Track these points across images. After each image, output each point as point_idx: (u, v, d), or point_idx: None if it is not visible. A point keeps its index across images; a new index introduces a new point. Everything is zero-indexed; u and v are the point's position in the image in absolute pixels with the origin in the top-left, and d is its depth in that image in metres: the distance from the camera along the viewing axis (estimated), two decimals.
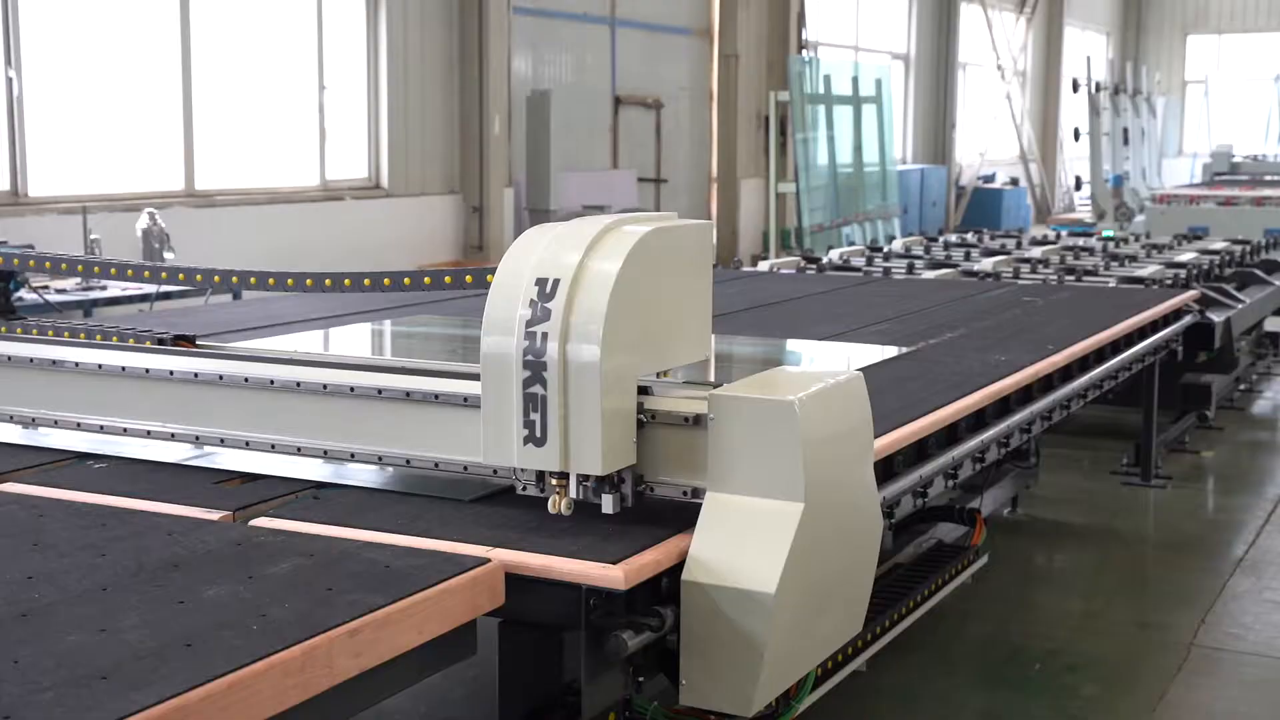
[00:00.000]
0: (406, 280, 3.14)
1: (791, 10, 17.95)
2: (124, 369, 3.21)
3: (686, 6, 16.76)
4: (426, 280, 3.13)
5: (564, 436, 2.55)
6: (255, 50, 11.52)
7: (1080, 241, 10.24)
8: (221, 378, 3.10)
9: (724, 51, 17.09)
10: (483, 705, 4.05)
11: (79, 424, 3.26)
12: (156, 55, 10.61)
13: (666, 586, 2.55)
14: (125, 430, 3.22)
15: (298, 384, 3.01)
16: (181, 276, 3.43)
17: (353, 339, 4.85)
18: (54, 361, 3.28)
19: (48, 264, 3.57)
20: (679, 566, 2.54)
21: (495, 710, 2.78)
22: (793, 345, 4.97)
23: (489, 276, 2.66)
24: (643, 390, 2.69)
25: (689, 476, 2.64)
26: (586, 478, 2.61)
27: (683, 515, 2.64)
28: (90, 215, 8.59)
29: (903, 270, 8.02)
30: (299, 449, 3.03)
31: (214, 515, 2.72)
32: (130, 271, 3.56)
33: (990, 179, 24.12)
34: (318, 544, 2.51)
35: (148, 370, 3.18)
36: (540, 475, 2.64)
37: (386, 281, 3.17)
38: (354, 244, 11.47)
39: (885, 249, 9.68)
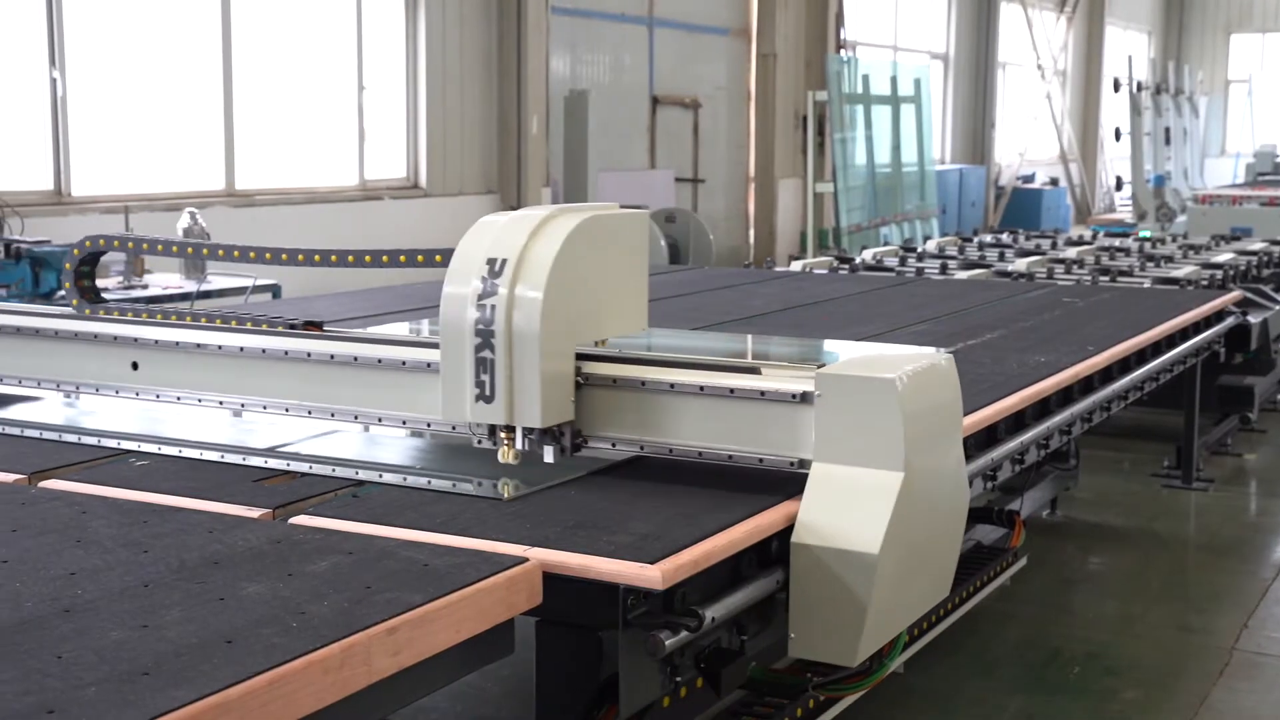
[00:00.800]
0: (384, 258, 3.36)
1: (830, 10, 17.89)
2: (264, 351, 3.38)
3: (724, 6, 16.73)
4: (401, 259, 3.32)
5: (509, 394, 2.89)
6: (295, 51, 11.59)
7: (1116, 242, 10.16)
8: (356, 359, 3.26)
9: (762, 51, 17.05)
10: (519, 704, 4.06)
11: (221, 402, 3.44)
12: (198, 56, 10.69)
13: (776, 549, 2.74)
14: (265, 408, 3.40)
15: (427, 364, 3.14)
16: (285, 257, 3.53)
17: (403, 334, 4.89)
18: (198, 345, 3.45)
19: (145, 245, 3.77)
20: (787, 530, 2.73)
21: (531, 709, 2.79)
22: (831, 345, 4.95)
23: (438, 257, 3.06)
24: (750, 371, 2.96)
25: (794, 449, 2.87)
26: (530, 430, 2.94)
27: (788, 484, 2.83)
28: (132, 215, 8.66)
29: (936, 270, 7.99)
30: (428, 424, 3.20)
31: (254, 513, 2.74)
32: (237, 254, 3.66)
33: (1030, 179, 23.97)
34: (356, 542, 2.52)
35: (286, 352, 3.35)
36: (491, 429, 2.95)
37: (368, 259, 3.42)
38: (392, 243, 11.52)
39: (919, 249, 9.63)
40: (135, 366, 3.54)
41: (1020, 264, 8.30)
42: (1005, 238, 10.65)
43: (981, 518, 4.88)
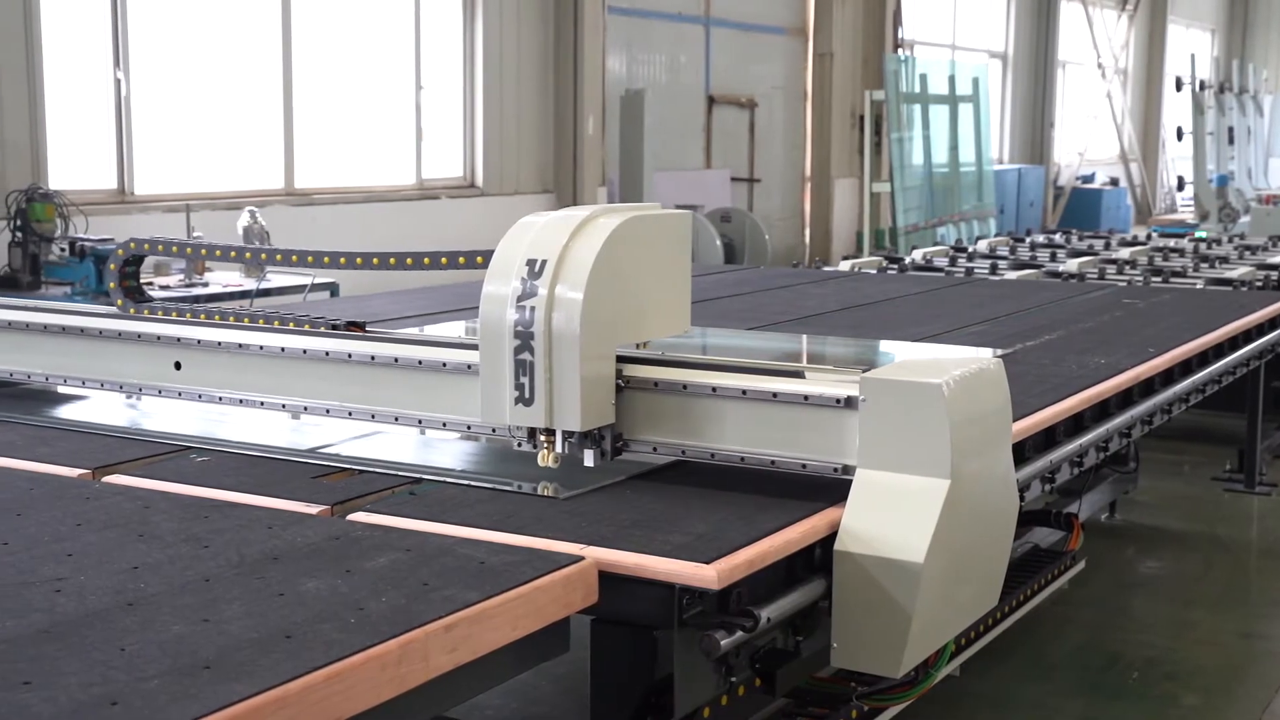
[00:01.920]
0: (426, 260, 3.37)
1: (887, 9, 17.80)
2: (305, 352, 3.37)
3: (781, 5, 16.69)
4: (443, 261, 3.33)
5: (549, 397, 2.86)
6: (354, 51, 11.68)
7: (1171, 242, 10.03)
8: (397, 360, 3.25)
9: (819, 50, 16.99)
10: (574, 703, 4.07)
11: (262, 403, 3.44)
12: (259, 57, 10.80)
13: (819, 557, 2.72)
14: (306, 409, 3.40)
15: (467, 366, 3.12)
16: (326, 260, 3.57)
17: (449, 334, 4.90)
18: (240, 345, 3.45)
19: (190, 250, 3.78)
20: (830, 538, 2.70)
21: (585, 708, 2.79)
22: (887, 346, 4.93)
23: (479, 258, 3.04)
24: (794, 375, 2.92)
25: (838, 454, 2.83)
26: (570, 434, 2.90)
27: (831, 490, 2.81)
28: (193, 213, 8.77)
29: (985, 270, 7.92)
30: (469, 426, 3.18)
31: (313, 509, 2.76)
32: (279, 257, 3.71)
33: (1089, 179, 23.73)
34: (414, 539, 2.54)
35: (327, 353, 3.34)
36: (531, 432, 2.93)
37: (409, 261, 3.43)
38: (449, 243, 11.53)
39: (970, 249, 9.56)
40: (178, 366, 3.54)
41: (1071, 264, 8.22)
42: (1058, 238, 10.55)
43: (1039, 520, 4.84)
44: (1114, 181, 24.20)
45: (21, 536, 2.51)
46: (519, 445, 2.96)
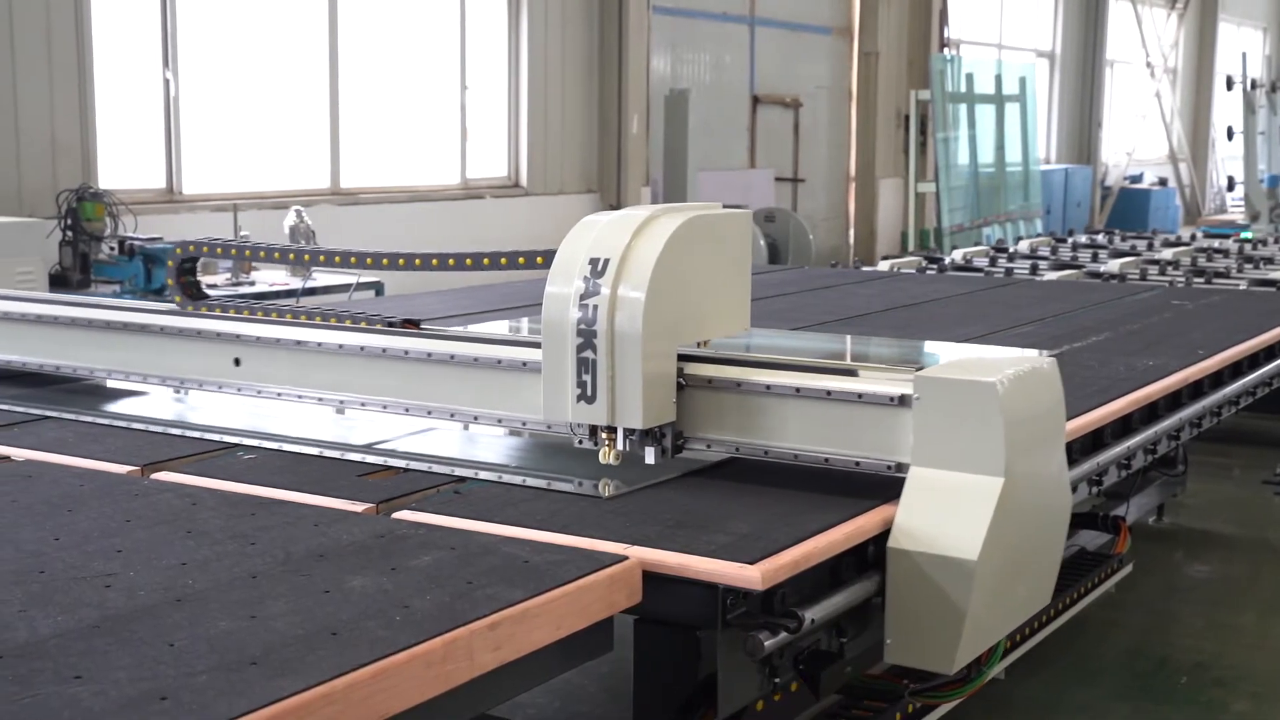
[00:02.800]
0: (485, 261, 3.38)
1: (934, 8, 17.71)
2: (362, 349, 3.41)
3: (826, 4, 16.63)
4: (503, 261, 3.33)
5: (611, 395, 2.87)
6: (400, 52, 11.73)
7: (1215, 243, 9.91)
8: (453, 358, 3.28)
9: (864, 50, 16.92)
10: (617, 702, 4.07)
11: (320, 399, 3.48)
12: (305, 58, 10.87)
13: (873, 553, 2.73)
14: (363, 404, 3.43)
15: (523, 364, 3.16)
16: (385, 262, 3.60)
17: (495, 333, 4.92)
18: (298, 342, 3.50)
19: (248, 252, 3.79)
20: (884, 535, 2.71)
21: (629, 708, 2.79)
22: (932, 347, 4.90)
23: (539, 259, 3.07)
24: (848, 373, 2.94)
25: (892, 452, 2.84)
26: (632, 431, 2.91)
27: (885, 488, 2.82)
28: (240, 212, 8.84)
29: (1025, 271, 7.86)
30: (524, 423, 3.21)
31: (358, 507, 2.78)
32: (338, 259, 3.72)
33: (1137, 179, 23.51)
34: (458, 538, 2.55)
35: (384, 350, 3.38)
36: (593, 430, 2.93)
37: (469, 262, 3.44)
38: (493, 243, 11.60)
39: (1010, 249, 9.49)
40: (237, 363, 3.59)
41: (1113, 265, 8.14)
42: (1100, 238, 10.45)
43: (1086, 523, 4.80)
44: (1162, 182, 23.96)
45: (73, 532, 2.54)
46: (579, 442, 2.97)
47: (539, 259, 3.12)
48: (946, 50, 17.81)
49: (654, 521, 2.68)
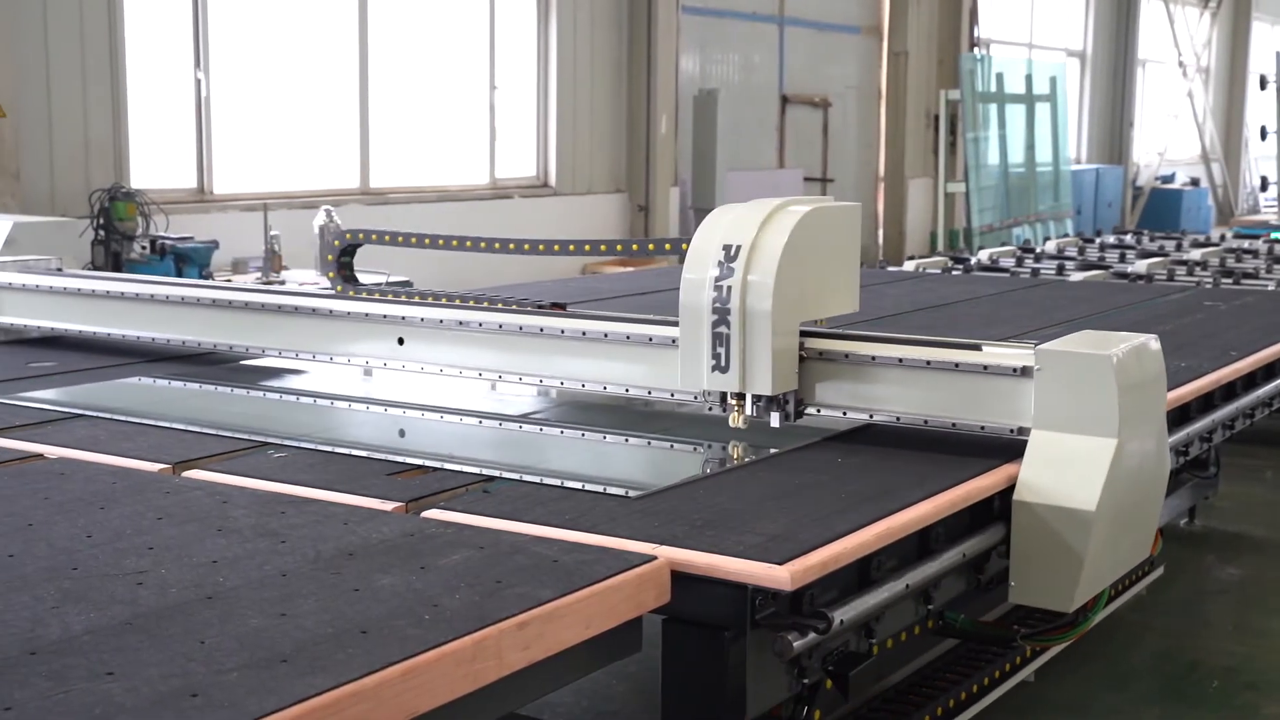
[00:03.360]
0: (634, 246, 3.82)
1: (964, 7, 17.64)
2: (521, 328, 3.75)
3: (856, 4, 16.59)
4: (650, 247, 3.74)
5: (743, 365, 3.25)
6: (429, 51, 11.77)
7: (1245, 244, 9.83)
8: (606, 336, 3.61)
9: (894, 49, 16.87)
10: (645, 702, 4.07)
11: (479, 373, 3.84)
12: (335, 58, 10.92)
13: (999, 506, 3.04)
14: (521, 379, 3.79)
15: (649, 339, 3.53)
16: (512, 246, 3.89)
17: None
18: (461, 322, 3.83)
19: (402, 239, 4.08)
20: (1008, 490, 3.03)
21: (656, 707, 2.79)
22: None
23: (685, 245, 3.39)
24: (973, 348, 3.26)
25: (1014, 418, 3.16)
26: (759, 398, 3.28)
27: (1007, 450, 3.12)
28: (270, 212, 8.89)
29: (1052, 271, 7.82)
30: (649, 390, 3.58)
31: (388, 506, 2.78)
32: (497, 245, 3.97)
33: (1169, 179, 23.36)
34: (487, 537, 2.55)
35: (541, 329, 3.72)
36: (722, 396, 3.31)
37: (603, 248, 3.96)
38: None
39: (1037, 250, 9.43)
40: (401, 342, 3.91)
41: (1140, 265, 8.08)
42: (1128, 239, 10.38)
43: None
44: (1195, 182, 23.79)
45: (105, 529, 2.56)
46: (709, 409, 3.35)
47: (667, 245, 3.51)
48: (977, 50, 17.73)
49: (683, 521, 2.68)
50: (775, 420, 3.32)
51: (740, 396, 3.29)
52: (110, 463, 3.10)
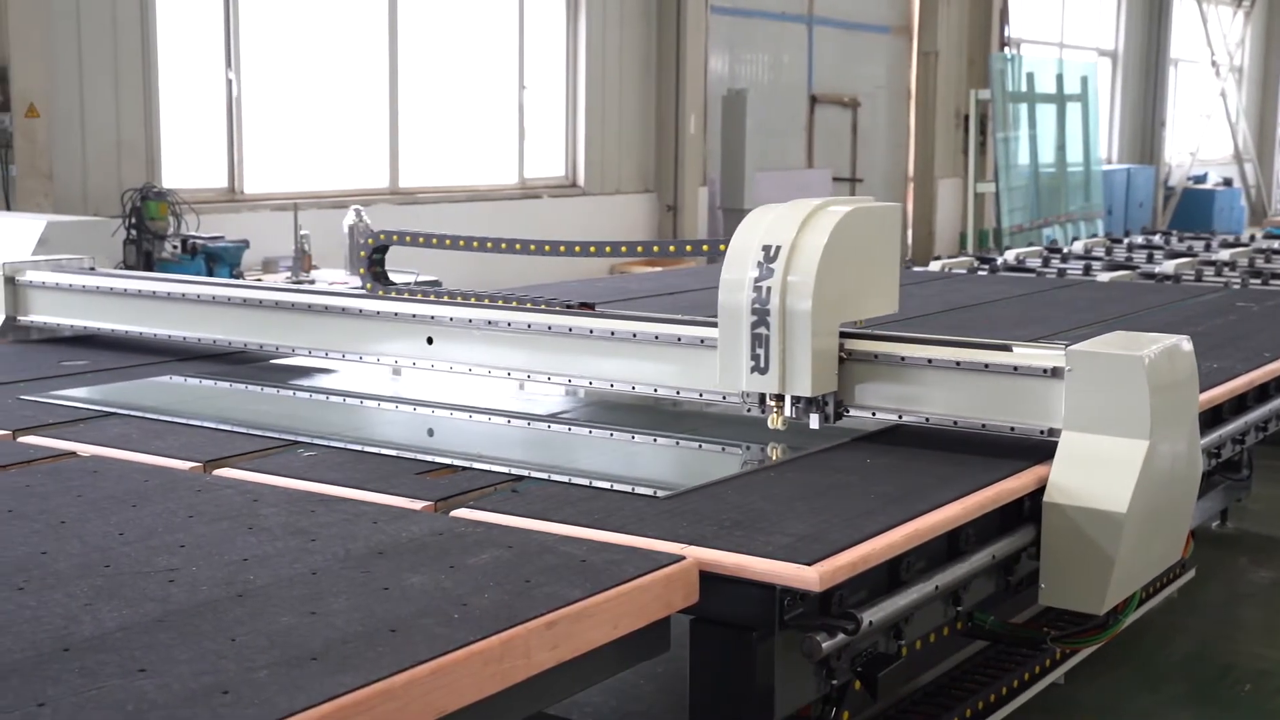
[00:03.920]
0: (671, 249, 3.76)
1: (994, 7, 17.56)
2: (550, 328, 3.75)
3: (885, 4, 16.55)
4: (688, 249, 3.71)
5: (782, 366, 3.22)
6: (459, 52, 11.80)
7: (1275, 244, 9.73)
8: (635, 335, 3.61)
9: (923, 49, 16.81)
10: (673, 702, 4.07)
11: (508, 373, 3.84)
12: (365, 58, 10.95)
13: (1029, 508, 3.02)
14: (550, 378, 3.79)
15: (678, 339, 3.52)
16: (563, 249, 3.95)
17: None
18: (490, 322, 3.84)
19: (435, 241, 4.15)
20: (1038, 492, 3.00)
21: (685, 707, 2.79)
22: None
23: (722, 245, 3.37)
24: (1003, 349, 3.22)
25: (1044, 419, 3.14)
26: (798, 399, 3.25)
27: (1037, 451, 3.11)
28: (300, 212, 8.92)
29: (1079, 271, 7.77)
30: (678, 390, 3.58)
31: (417, 505, 2.79)
32: (532, 247, 4.03)
33: (1201, 179, 23.20)
34: (516, 536, 2.55)
35: (570, 329, 3.72)
36: (761, 398, 3.27)
37: (655, 249, 3.90)
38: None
39: (1065, 250, 9.37)
40: (430, 341, 3.91)
41: (1168, 266, 8.02)
42: (1157, 239, 10.31)
43: None
44: (1227, 182, 23.62)
45: (137, 527, 2.57)
46: (748, 410, 3.30)
47: (721, 246, 3.42)
48: (1007, 49, 17.65)
49: (711, 521, 2.67)
50: (815, 422, 3.29)
51: (779, 398, 3.26)
52: (142, 461, 3.12)
